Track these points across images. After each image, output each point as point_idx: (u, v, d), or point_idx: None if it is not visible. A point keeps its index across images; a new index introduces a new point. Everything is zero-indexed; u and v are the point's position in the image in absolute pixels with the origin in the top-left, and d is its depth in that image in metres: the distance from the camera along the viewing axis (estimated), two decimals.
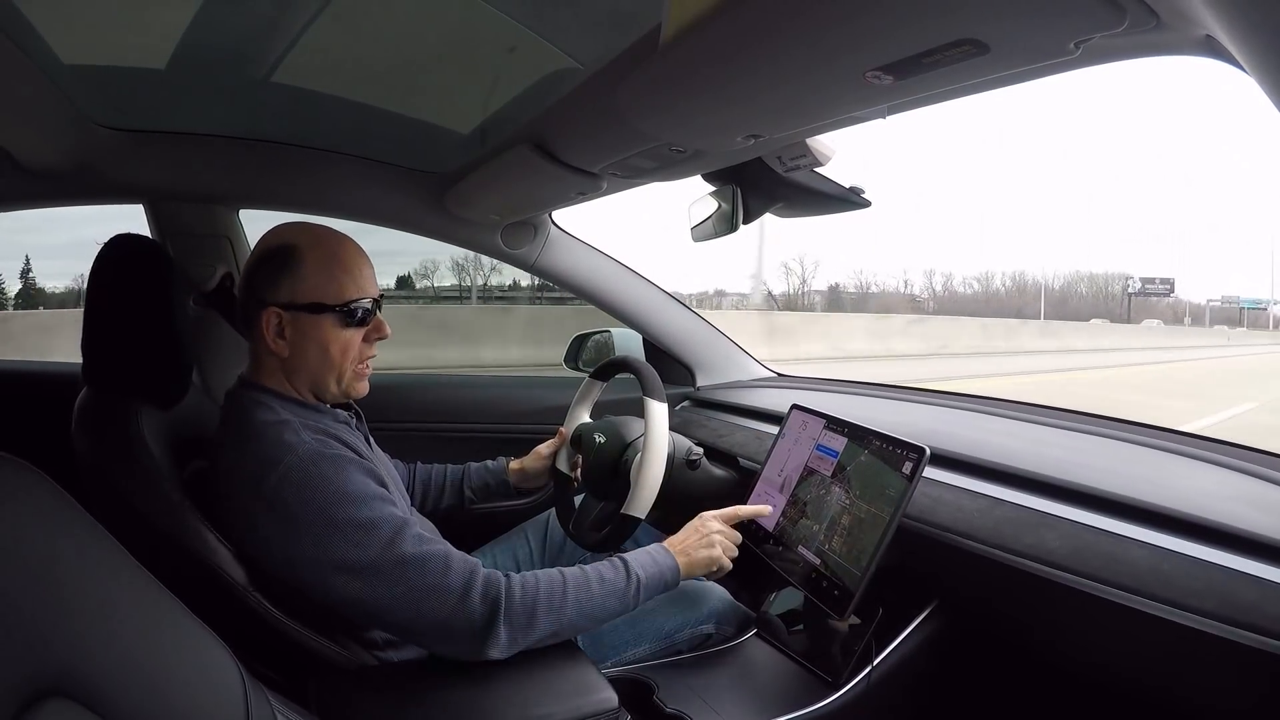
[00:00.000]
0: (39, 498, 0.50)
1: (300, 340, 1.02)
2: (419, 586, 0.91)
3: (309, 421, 1.01)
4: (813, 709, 1.04)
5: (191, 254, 1.57)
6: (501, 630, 0.92)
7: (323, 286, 1.01)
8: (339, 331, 1.03)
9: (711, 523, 1.15)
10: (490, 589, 0.93)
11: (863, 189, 1.24)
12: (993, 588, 1.00)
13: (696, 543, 1.12)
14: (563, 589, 0.97)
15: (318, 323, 1.02)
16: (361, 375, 1.08)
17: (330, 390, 1.05)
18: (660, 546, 1.10)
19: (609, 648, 1.16)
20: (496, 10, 0.99)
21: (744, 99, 0.83)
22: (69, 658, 0.46)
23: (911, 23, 0.58)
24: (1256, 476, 0.95)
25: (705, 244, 1.48)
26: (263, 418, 0.99)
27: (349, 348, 1.04)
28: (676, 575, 1.07)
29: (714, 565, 1.12)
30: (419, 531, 0.95)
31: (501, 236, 1.73)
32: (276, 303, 1.01)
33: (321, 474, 0.93)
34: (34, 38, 1.02)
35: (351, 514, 0.92)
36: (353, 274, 1.03)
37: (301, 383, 1.04)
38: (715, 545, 1.12)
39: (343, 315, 1.02)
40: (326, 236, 1.05)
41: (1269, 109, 0.50)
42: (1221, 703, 0.81)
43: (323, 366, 1.03)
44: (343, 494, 0.92)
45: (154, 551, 0.65)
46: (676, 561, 1.08)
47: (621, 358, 1.41)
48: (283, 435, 0.96)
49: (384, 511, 0.94)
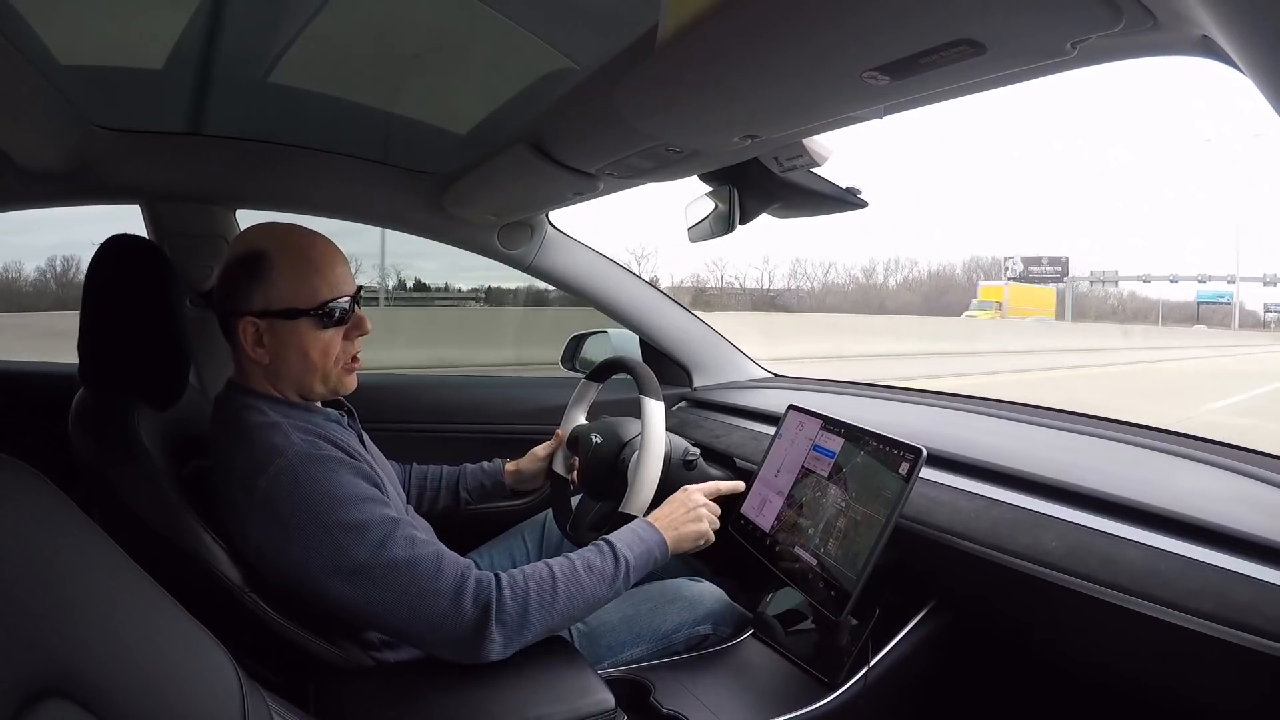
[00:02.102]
0: (36, 498, 0.50)
1: (279, 347, 1.00)
2: (409, 590, 0.90)
3: (298, 422, 1.00)
4: (810, 709, 1.04)
5: (189, 254, 1.56)
6: (495, 632, 0.92)
7: (295, 290, 0.99)
8: (317, 334, 1.01)
9: (696, 495, 1.16)
10: (482, 591, 0.92)
11: (859, 189, 1.24)
12: (989, 588, 1.00)
13: (683, 517, 1.12)
14: (552, 584, 0.96)
15: (294, 328, 1.00)
16: (349, 371, 1.06)
17: (317, 391, 1.05)
18: (645, 523, 1.09)
19: (606, 648, 1.16)
20: (494, 11, 0.99)
21: (741, 99, 0.83)
22: (67, 658, 0.46)
23: (908, 23, 0.58)
24: (1253, 478, 0.95)
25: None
26: (251, 420, 0.98)
27: (330, 348, 1.02)
28: (665, 550, 1.07)
29: (701, 539, 1.13)
30: (411, 533, 0.94)
31: (498, 237, 1.73)
32: (251, 311, 0.99)
33: (310, 476, 0.92)
34: (30, 38, 1.02)
35: (341, 516, 0.91)
36: (324, 274, 1.01)
37: (287, 387, 1.04)
38: (702, 519, 1.13)
39: (319, 318, 1.00)
40: (295, 238, 1.02)
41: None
42: (1220, 703, 0.81)
43: (305, 370, 1.02)
44: (332, 496, 0.92)
45: (151, 552, 0.65)
46: (663, 537, 1.07)
47: (618, 358, 1.41)
48: (272, 438, 0.95)
49: (375, 513, 0.93)
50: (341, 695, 0.94)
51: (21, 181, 1.40)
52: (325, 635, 1.00)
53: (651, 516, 1.11)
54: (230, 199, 1.63)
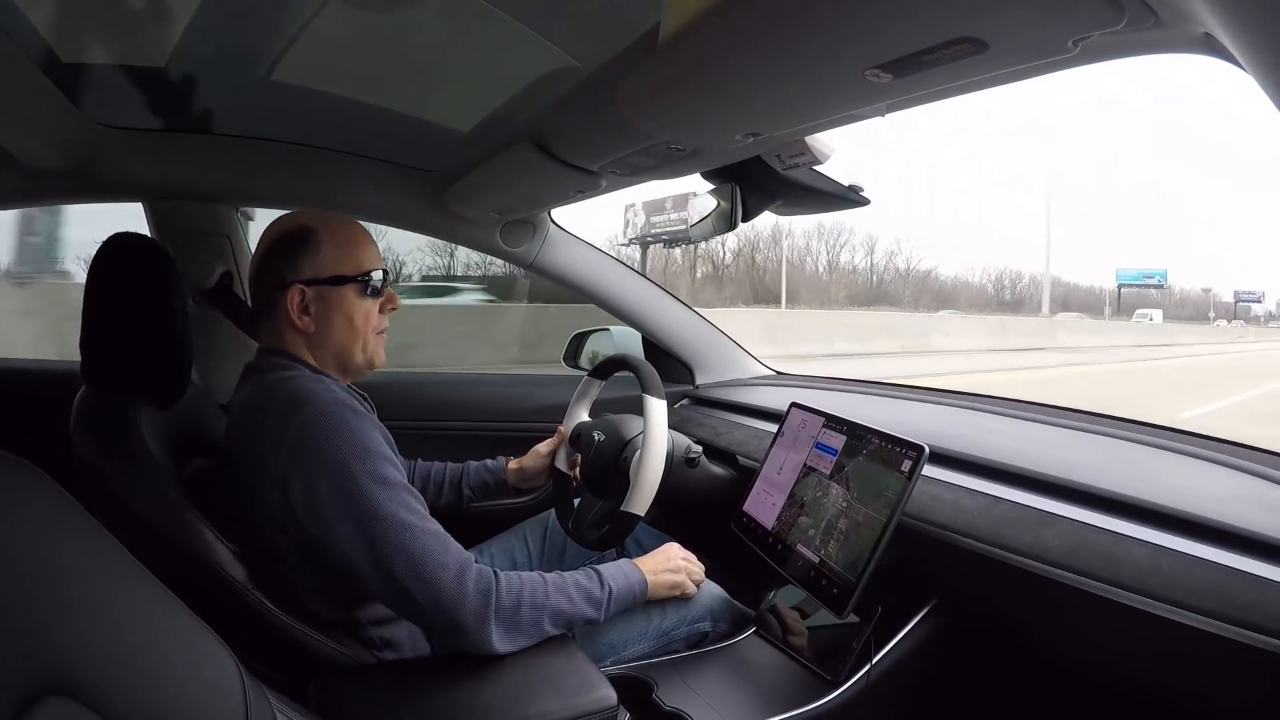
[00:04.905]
0: (38, 497, 0.50)
1: (326, 312, 1.07)
2: (419, 556, 0.92)
3: (334, 386, 1.04)
4: (811, 707, 1.04)
5: (191, 252, 1.57)
6: (493, 622, 0.94)
7: (341, 260, 1.07)
8: (360, 301, 1.08)
9: (676, 550, 1.23)
10: (483, 579, 0.95)
11: (861, 187, 1.24)
12: (992, 586, 1.00)
13: (664, 565, 1.18)
14: (544, 589, 1.00)
15: (341, 294, 1.07)
16: (380, 343, 1.13)
17: (356, 359, 1.10)
18: (630, 563, 1.15)
19: (608, 646, 1.16)
20: (495, 8, 0.99)
21: (743, 97, 0.83)
22: (69, 656, 0.46)
23: (910, 21, 0.58)
24: (1256, 475, 0.95)
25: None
26: (287, 375, 1.03)
27: (369, 316, 1.10)
28: (645, 590, 1.13)
29: (677, 590, 1.18)
30: (423, 509, 0.97)
31: (500, 235, 1.73)
32: (299, 280, 1.05)
33: (344, 420, 0.96)
34: (33, 35, 1.02)
35: (368, 466, 0.94)
36: (365, 248, 1.10)
37: (327, 357, 1.09)
38: (680, 572, 1.19)
39: (362, 285, 1.08)
40: (336, 218, 1.11)
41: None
42: (1222, 702, 0.81)
43: (349, 336, 1.08)
44: (362, 446, 0.95)
45: (153, 550, 0.65)
46: (645, 577, 1.13)
47: (620, 356, 1.41)
48: (307, 385, 1.00)
49: (396, 477, 0.96)
50: (343, 693, 0.94)
51: (23, 179, 1.40)
52: (328, 632, 1.00)
53: (637, 561, 1.16)
54: (233, 197, 1.63)
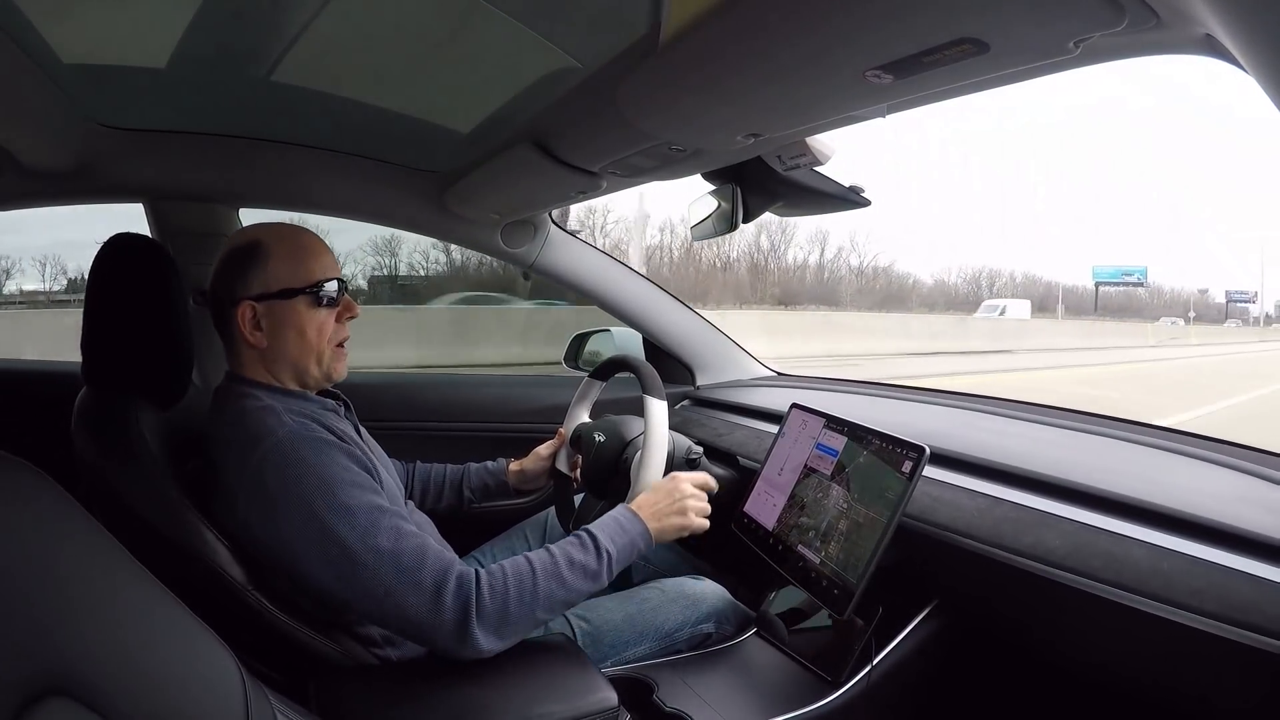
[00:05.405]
0: (39, 497, 0.50)
1: (276, 328, 1.05)
2: (389, 581, 0.90)
3: (293, 407, 1.03)
4: (812, 708, 1.04)
5: (192, 253, 1.56)
6: (477, 630, 0.91)
7: (291, 272, 1.05)
8: (312, 313, 1.06)
9: (685, 485, 1.12)
10: (463, 589, 0.92)
11: (862, 188, 1.24)
12: (992, 587, 1.00)
13: (668, 507, 1.09)
14: (532, 580, 0.95)
15: (291, 307, 1.05)
16: (340, 356, 1.10)
17: (312, 373, 1.08)
18: (628, 512, 1.07)
19: (609, 647, 1.16)
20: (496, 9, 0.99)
21: (743, 98, 0.83)
22: (69, 657, 0.46)
23: (911, 22, 0.58)
24: (1256, 476, 0.95)
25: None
26: (247, 405, 1.01)
27: (324, 328, 1.07)
28: (649, 540, 1.05)
29: (685, 531, 1.10)
30: (398, 524, 0.94)
31: (501, 235, 1.73)
32: (249, 296, 1.04)
33: (300, 457, 0.94)
34: (33, 36, 1.02)
35: (328, 498, 0.92)
36: (316, 257, 1.07)
37: (283, 371, 1.07)
38: (688, 511, 1.10)
39: (313, 296, 1.06)
40: (285, 228, 1.10)
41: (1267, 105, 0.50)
42: (1222, 702, 0.81)
43: (301, 350, 1.06)
44: (321, 478, 0.93)
45: (154, 550, 0.65)
46: (647, 526, 1.06)
47: (621, 357, 1.41)
48: (265, 419, 0.98)
49: (362, 500, 0.94)
50: (343, 693, 0.94)
51: (24, 180, 1.40)
52: (327, 633, 1.00)
53: (636, 503, 1.09)
54: (233, 197, 1.63)
